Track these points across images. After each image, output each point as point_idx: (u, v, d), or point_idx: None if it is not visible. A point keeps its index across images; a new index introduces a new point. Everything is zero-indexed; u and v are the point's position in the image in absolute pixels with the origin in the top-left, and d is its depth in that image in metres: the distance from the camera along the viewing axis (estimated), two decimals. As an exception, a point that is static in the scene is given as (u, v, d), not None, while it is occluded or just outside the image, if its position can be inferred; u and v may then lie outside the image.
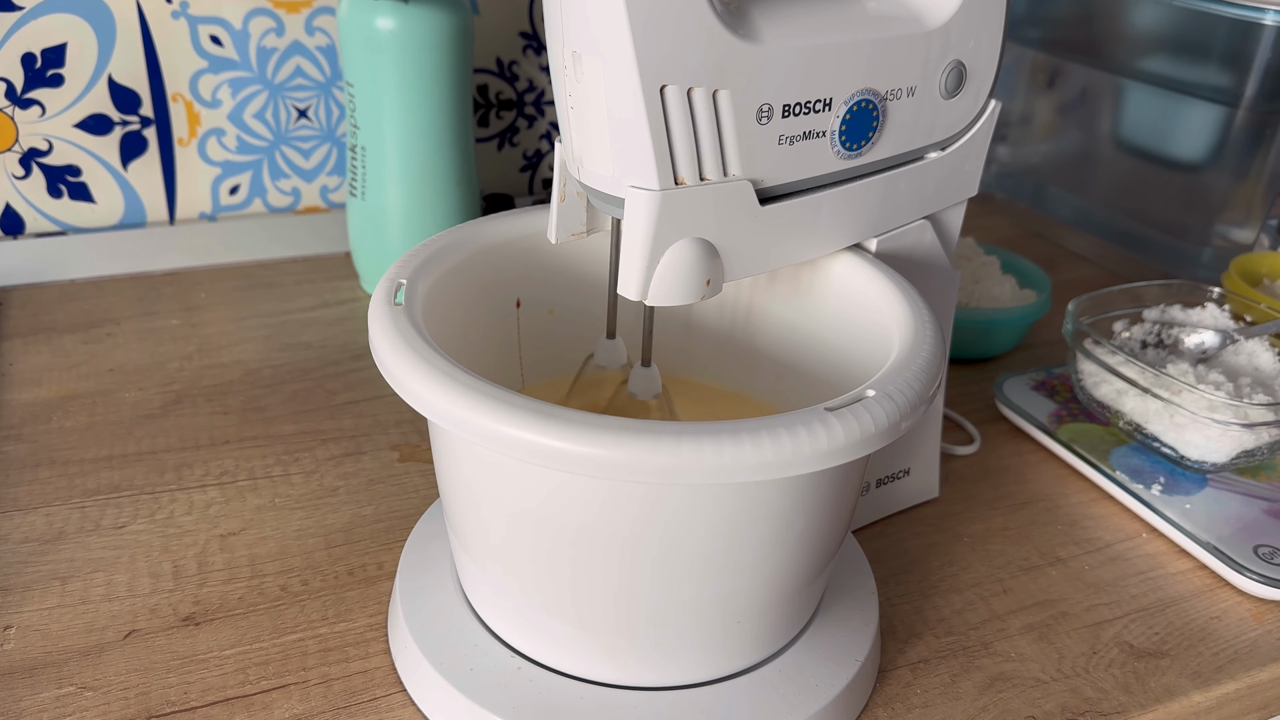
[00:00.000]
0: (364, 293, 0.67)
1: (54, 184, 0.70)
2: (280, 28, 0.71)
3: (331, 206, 0.79)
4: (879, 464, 0.48)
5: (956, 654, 0.43)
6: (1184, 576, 0.48)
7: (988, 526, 0.50)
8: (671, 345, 0.47)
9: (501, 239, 0.42)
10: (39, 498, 0.47)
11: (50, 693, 0.37)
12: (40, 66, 0.67)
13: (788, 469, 0.29)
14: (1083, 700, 0.41)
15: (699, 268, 0.35)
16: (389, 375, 0.32)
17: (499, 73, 0.79)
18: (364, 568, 0.44)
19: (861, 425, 0.30)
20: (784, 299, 0.44)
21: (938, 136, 0.41)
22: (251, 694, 0.38)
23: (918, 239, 0.43)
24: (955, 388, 0.62)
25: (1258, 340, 0.56)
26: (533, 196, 0.84)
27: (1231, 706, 0.43)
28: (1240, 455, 0.52)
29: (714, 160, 0.34)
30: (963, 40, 0.39)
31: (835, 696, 0.37)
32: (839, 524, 0.36)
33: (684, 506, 0.31)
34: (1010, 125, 0.89)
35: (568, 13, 0.32)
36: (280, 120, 0.74)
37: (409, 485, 0.50)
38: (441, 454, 0.36)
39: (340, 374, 0.58)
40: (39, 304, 0.63)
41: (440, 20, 0.59)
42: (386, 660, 0.40)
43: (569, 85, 0.33)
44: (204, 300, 0.65)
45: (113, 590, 0.42)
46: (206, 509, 0.47)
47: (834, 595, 0.42)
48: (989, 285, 0.65)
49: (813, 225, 0.38)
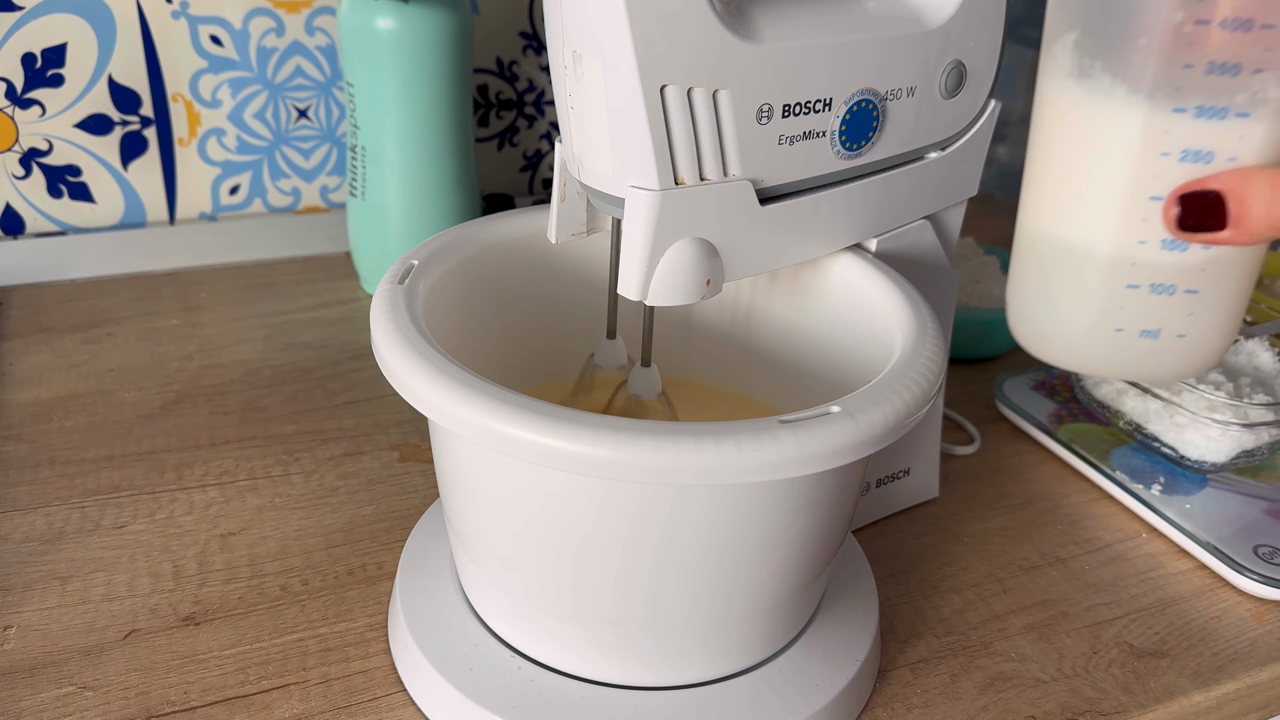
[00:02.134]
0: (364, 293, 0.67)
1: (54, 184, 0.70)
2: (280, 28, 0.71)
3: (331, 206, 0.79)
4: (879, 464, 0.48)
5: (956, 654, 0.43)
6: (1184, 576, 0.48)
7: (988, 526, 0.50)
8: (671, 345, 0.47)
9: (501, 239, 0.42)
10: (39, 498, 0.47)
11: (50, 693, 0.37)
12: (40, 66, 0.67)
13: (788, 470, 0.29)
14: (1083, 700, 0.41)
15: (699, 268, 0.35)
16: (390, 374, 0.32)
17: (499, 73, 0.79)
18: (364, 568, 0.44)
19: (862, 426, 0.30)
20: (784, 299, 0.44)
21: (938, 136, 0.41)
22: (251, 694, 0.38)
23: (918, 239, 0.43)
24: (955, 388, 0.62)
25: (1258, 340, 0.56)
26: (533, 196, 0.84)
27: (1231, 706, 0.43)
28: (1240, 455, 0.52)
29: (714, 160, 0.34)
30: (963, 40, 0.39)
31: (835, 696, 0.37)
32: (839, 524, 0.36)
33: (684, 506, 0.31)
34: (1010, 125, 0.89)
35: (568, 13, 0.32)
36: (280, 120, 0.74)
37: (409, 485, 0.50)
38: (442, 454, 0.36)
39: (340, 374, 0.58)
40: (39, 304, 0.63)
41: (440, 20, 0.59)
42: (386, 660, 0.40)
43: (569, 85, 0.33)
44: (204, 300, 0.65)
45: (113, 590, 0.42)
46: (206, 509, 0.47)
47: (834, 595, 0.42)
48: (989, 285, 0.65)
49: (813, 225, 0.38)
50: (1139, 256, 0.29)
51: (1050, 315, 0.31)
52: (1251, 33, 0.26)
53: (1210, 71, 0.26)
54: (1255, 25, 0.25)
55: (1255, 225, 0.26)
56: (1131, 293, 0.29)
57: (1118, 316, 0.30)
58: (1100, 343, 0.30)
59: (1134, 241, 0.29)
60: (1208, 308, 0.29)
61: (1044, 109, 0.30)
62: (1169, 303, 0.29)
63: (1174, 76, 0.27)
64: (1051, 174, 0.30)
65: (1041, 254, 0.31)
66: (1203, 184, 0.27)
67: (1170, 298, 0.29)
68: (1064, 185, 0.30)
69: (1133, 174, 0.28)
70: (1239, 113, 0.27)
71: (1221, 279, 0.29)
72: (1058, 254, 0.30)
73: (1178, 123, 0.27)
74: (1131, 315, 0.30)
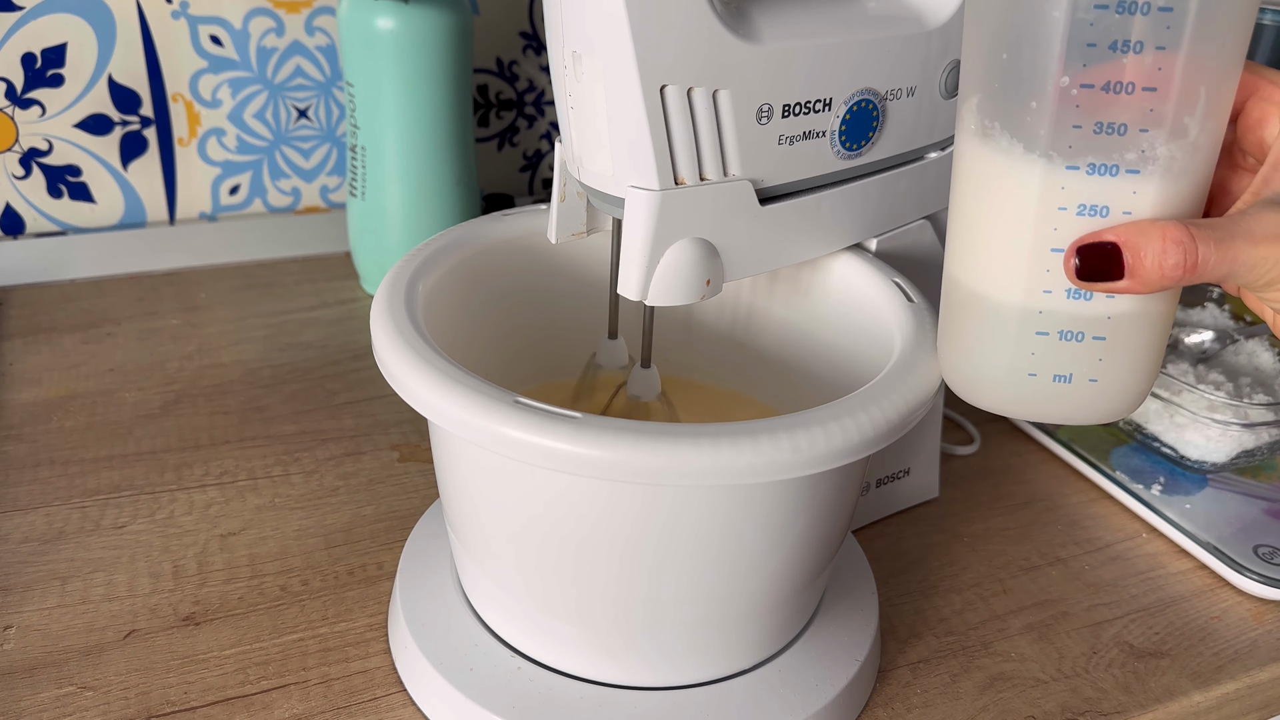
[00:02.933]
0: (364, 293, 0.67)
1: (54, 184, 0.70)
2: (280, 28, 0.71)
3: (331, 206, 0.79)
4: (879, 464, 0.48)
5: (956, 654, 0.43)
6: (1184, 576, 0.48)
7: (988, 526, 0.50)
8: (671, 346, 0.47)
9: (501, 239, 0.42)
10: (39, 498, 0.47)
11: (50, 693, 0.37)
12: (40, 66, 0.67)
13: (788, 471, 0.29)
14: (1083, 700, 0.41)
15: (699, 268, 0.35)
16: (390, 375, 0.32)
17: (499, 73, 0.79)
18: (364, 568, 0.44)
19: (862, 427, 0.30)
20: (784, 299, 0.44)
21: (938, 136, 0.41)
22: (251, 694, 0.38)
23: (918, 239, 0.43)
24: (955, 388, 0.62)
25: (1258, 340, 0.56)
26: (533, 196, 0.84)
27: (1231, 706, 0.43)
28: (1240, 455, 0.52)
29: (714, 160, 0.34)
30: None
31: (835, 696, 0.37)
32: (839, 525, 0.36)
33: (684, 507, 0.31)
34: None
35: (568, 13, 0.32)
36: (280, 120, 0.74)
37: (409, 485, 0.50)
38: (442, 454, 0.36)
39: (340, 374, 0.58)
40: (39, 304, 0.63)
41: (440, 20, 0.59)
42: (386, 660, 0.40)
43: (569, 85, 0.33)
44: (204, 300, 0.65)
45: (113, 590, 0.42)
46: (206, 509, 0.47)
47: (834, 595, 0.42)
48: (989, 285, 0.65)
49: (813, 225, 0.38)
50: (1045, 305, 0.30)
51: (970, 360, 0.33)
52: (1134, 95, 0.27)
53: (1099, 131, 0.28)
54: (1137, 88, 0.27)
55: (1149, 274, 0.28)
56: (1041, 339, 0.31)
57: (1030, 362, 0.31)
58: (1015, 387, 0.32)
59: (1039, 291, 0.30)
60: (1118, 353, 0.31)
61: (957, 165, 0.32)
62: (1078, 349, 0.31)
63: (1065, 136, 0.28)
64: (964, 226, 0.32)
65: (960, 301, 0.33)
66: (1099, 236, 0.29)
67: (1079, 344, 0.31)
68: (975, 237, 0.31)
69: (1034, 228, 0.29)
70: (1129, 169, 0.28)
71: (1129, 326, 0.30)
72: (973, 302, 0.32)
73: (1072, 179, 0.29)
74: (1042, 361, 0.31)
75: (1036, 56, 0.28)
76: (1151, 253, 0.28)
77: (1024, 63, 0.28)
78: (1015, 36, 0.28)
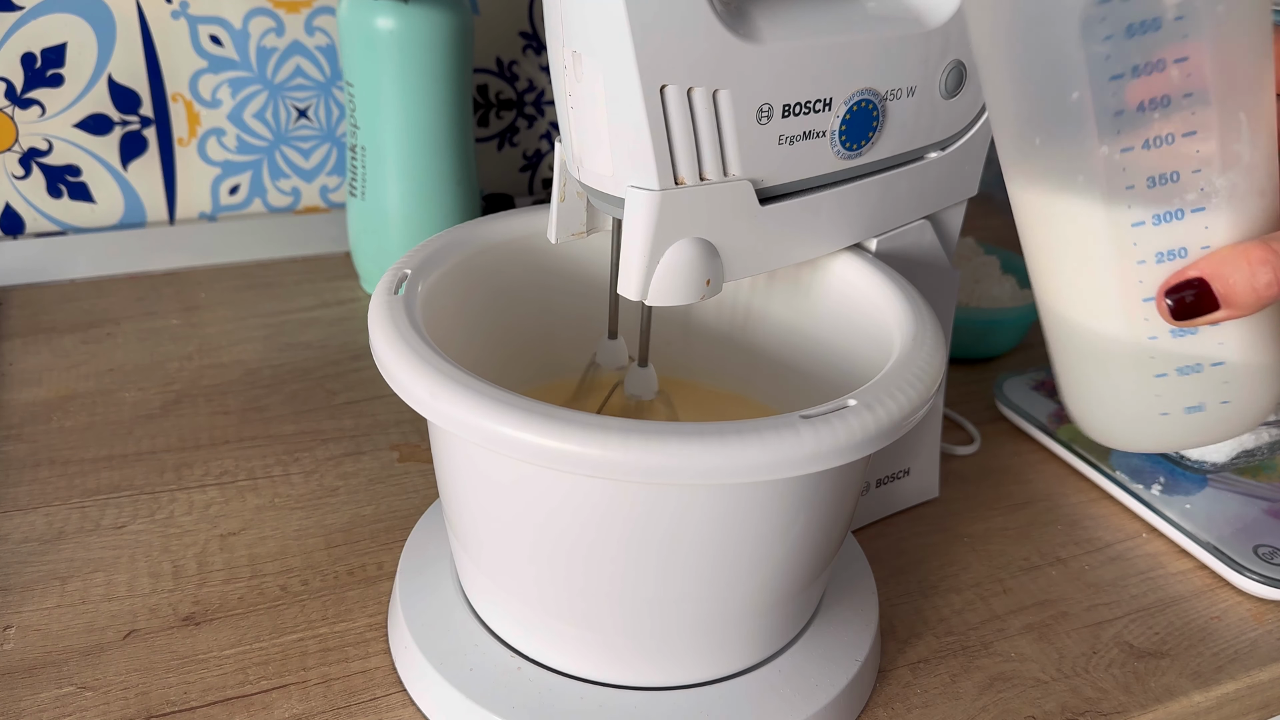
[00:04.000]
0: (364, 293, 0.67)
1: (54, 184, 0.70)
2: (280, 28, 0.71)
3: (331, 206, 0.79)
4: (879, 464, 0.48)
5: (956, 654, 0.43)
6: (1184, 576, 0.48)
7: (988, 526, 0.50)
8: (671, 346, 0.47)
9: (501, 239, 0.42)
10: (39, 498, 0.47)
11: (50, 693, 0.37)
12: (40, 66, 0.67)
13: (787, 470, 0.29)
14: (1083, 700, 0.41)
15: (699, 268, 0.35)
16: (389, 376, 0.32)
17: (499, 73, 0.79)
18: (364, 568, 0.44)
19: (862, 426, 0.30)
20: (784, 299, 0.44)
21: (938, 136, 0.41)
22: (251, 694, 0.38)
23: (918, 239, 0.43)
24: (955, 388, 0.62)
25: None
26: (533, 196, 0.84)
27: (1231, 706, 0.43)
28: (1240, 455, 0.52)
29: (714, 160, 0.34)
30: (963, 40, 0.39)
31: (835, 696, 0.37)
32: (839, 525, 0.36)
33: (683, 507, 0.31)
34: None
35: (568, 13, 0.32)
36: (280, 120, 0.74)
37: (409, 485, 0.50)
38: (441, 454, 0.36)
39: (340, 374, 0.58)
40: (39, 304, 0.63)
41: (440, 20, 0.59)
42: (386, 660, 0.40)
43: (569, 85, 0.33)
44: (204, 300, 0.65)
45: (113, 590, 0.42)
46: (206, 509, 0.47)
47: (834, 595, 0.42)
48: (989, 285, 0.65)
49: (813, 225, 0.38)
50: (1156, 350, 0.30)
51: (1103, 412, 0.33)
52: (1176, 143, 0.27)
53: (1152, 185, 0.28)
54: (1177, 137, 0.27)
55: (1244, 299, 0.28)
56: (1162, 380, 0.31)
57: (1158, 403, 0.31)
58: (1151, 426, 0.32)
59: (1145, 338, 0.30)
60: (1241, 371, 0.31)
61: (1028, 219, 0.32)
62: (1201, 379, 0.31)
63: (1121, 198, 0.28)
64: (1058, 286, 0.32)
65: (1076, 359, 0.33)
66: (1183, 275, 0.29)
67: (1200, 374, 0.30)
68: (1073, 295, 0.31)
69: (1119, 283, 0.30)
70: (1194, 209, 0.28)
71: (1243, 343, 0.30)
72: (1089, 360, 0.32)
73: (1141, 234, 0.29)
74: (1170, 400, 0.31)
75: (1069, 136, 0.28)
76: (1240, 278, 0.28)
77: (1058, 146, 0.28)
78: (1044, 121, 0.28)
